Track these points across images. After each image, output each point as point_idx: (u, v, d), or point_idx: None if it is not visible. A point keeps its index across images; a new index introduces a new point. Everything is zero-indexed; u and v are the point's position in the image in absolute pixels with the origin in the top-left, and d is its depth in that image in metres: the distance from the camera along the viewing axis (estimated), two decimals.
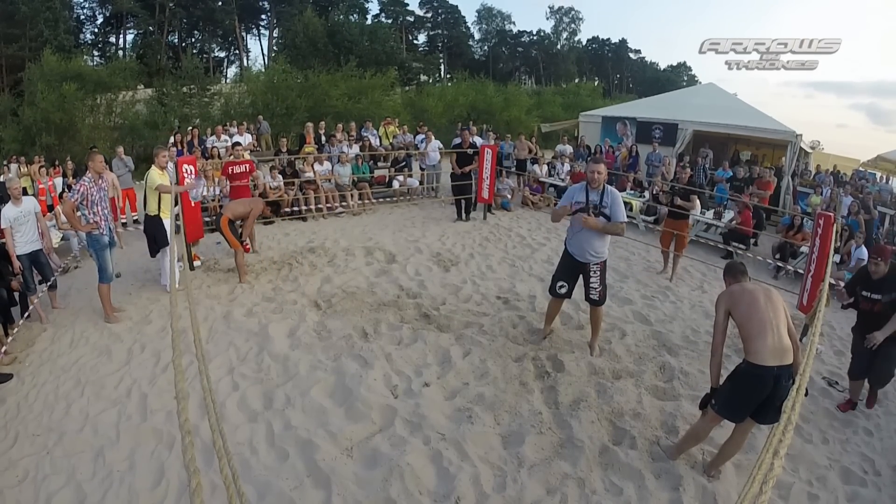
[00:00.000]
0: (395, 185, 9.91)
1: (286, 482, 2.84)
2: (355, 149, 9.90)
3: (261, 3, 38.37)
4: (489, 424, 3.30)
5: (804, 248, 6.81)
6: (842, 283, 5.86)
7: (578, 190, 3.93)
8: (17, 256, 4.74)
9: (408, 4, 43.09)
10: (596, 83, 40.87)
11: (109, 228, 4.81)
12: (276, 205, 6.28)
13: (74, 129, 13.83)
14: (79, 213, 4.72)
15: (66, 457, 3.08)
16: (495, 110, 22.12)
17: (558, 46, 49.16)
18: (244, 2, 36.08)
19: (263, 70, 24.82)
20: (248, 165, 7.02)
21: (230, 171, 6.93)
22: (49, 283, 5.09)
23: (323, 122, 11.56)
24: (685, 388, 3.79)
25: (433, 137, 10.46)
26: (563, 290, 4.12)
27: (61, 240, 6.73)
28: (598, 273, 3.99)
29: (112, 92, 16.18)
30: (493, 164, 8.49)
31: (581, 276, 4.06)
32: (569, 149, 11.97)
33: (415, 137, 11.35)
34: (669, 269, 6.46)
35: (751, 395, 2.66)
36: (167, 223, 5.13)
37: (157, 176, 5.13)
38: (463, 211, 8.68)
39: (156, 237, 5.25)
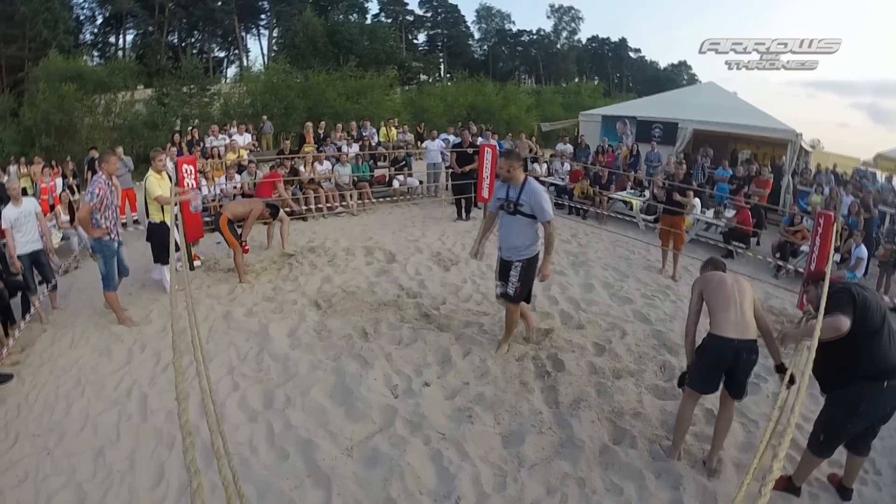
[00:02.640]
0: (395, 184, 9.91)
1: (286, 482, 2.84)
2: (355, 148, 9.91)
3: (260, 3, 38.36)
4: (489, 424, 3.29)
5: (804, 247, 6.81)
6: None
7: (500, 186, 3.82)
8: (18, 256, 4.74)
9: (407, 4, 43.12)
10: (596, 83, 40.85)
11: (118, 232, 4.71)
12: (274, 207, 6.31)
13: (74, 130, 13.84)
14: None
15: (66, 457, 3.08)
16: (495, 109, 22.12)
17: (558, 46, 49.13)
18: (244, 2, 36.07)
19: (263, 70, 24.82)
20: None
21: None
22: (50, 285, 5.08)
23: (323, 123, 11.57)
24: None
25: (435, 136, 10.45)
26: (500, 289, 3.92)
27: (61, 240, 6.73)
28: (518, 270, 3.79)
29: (112, 92, 16.20)
30: (493, 164, 8.49)
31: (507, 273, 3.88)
32: (569, 148, 12.01)
33: (417, 137, 11.35)
34: (669, 268, 6.46)
35: (714, 364, 2.81)
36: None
37: (156, 183, 5.00)
38: (463, 210, 8.67)
39: (166, 243, 5.09)
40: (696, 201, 8.63)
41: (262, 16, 39.53)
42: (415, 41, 44.26)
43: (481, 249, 4.14)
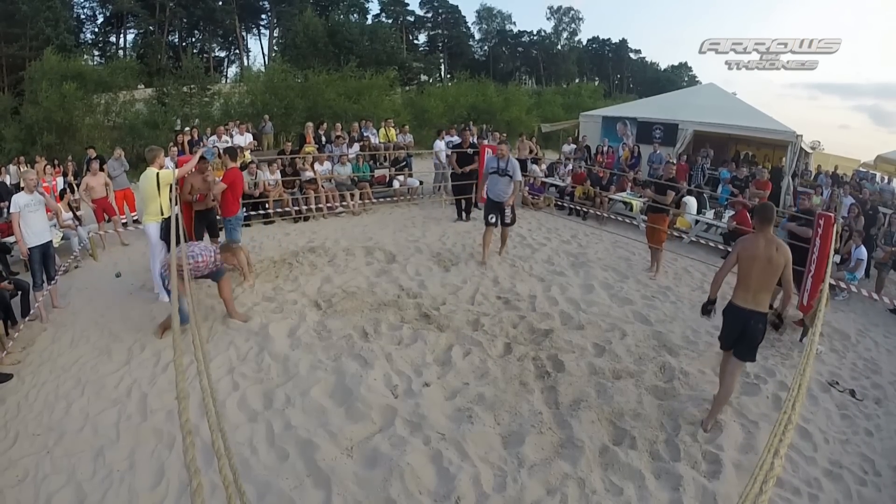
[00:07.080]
0: (396, 184, 9.91)
1: (286, 482, 2.84)
2: (355, 148, 9.90)
3: (261, 3, 38.34)
4: (489, 424, 3.30)
5: None
6: (842, 284, 5.87)
7: (492, 159, 6.39)
8: (29, 248, 4.70)
9: (408, 4, 43.09)
10: (597, 83, 40.85)
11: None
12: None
13: (74, 129, 13.85)
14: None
15: (66, 456, 3.08)
16: (496, 110, 22.11)
17: (558, 46, 49.12)
18: (244, 1, 36.06)
19: (263, 70, 24.80)
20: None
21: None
22: (53, 281, 5.07)
23: (325, 123, 11.56)
24: (685, 388, 3.79)
25: (444, 136, 10.41)
26: (493, 220, 6.31)
27: (62, 239, 6.72)
28: (510, 206, 6.29)
29: (112, 91, 16.20)
30: None
31: (498, 210, 6.28)
32: (574, 147, 12.32)
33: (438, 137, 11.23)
34: (656, 265, 6.47)
35: (731, 325, 3.42)
36: (152, 228, 4.97)
37: (166, 172, 4.91)
38: (463, 211, 8.67)
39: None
40: (692, 200, 8.64)
41: (263, 16, 39.53)
42: (415, 42, 44.23)
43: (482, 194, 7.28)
